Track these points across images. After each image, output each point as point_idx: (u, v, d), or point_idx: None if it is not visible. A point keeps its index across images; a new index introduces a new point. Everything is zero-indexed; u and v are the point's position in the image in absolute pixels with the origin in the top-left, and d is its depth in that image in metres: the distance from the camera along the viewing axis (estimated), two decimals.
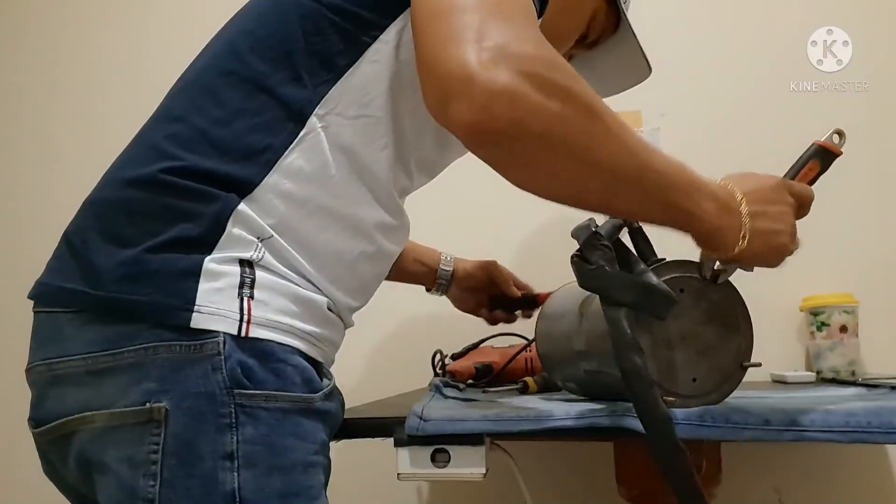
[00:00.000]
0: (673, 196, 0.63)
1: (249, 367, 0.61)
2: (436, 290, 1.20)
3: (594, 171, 0.59)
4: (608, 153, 0.58)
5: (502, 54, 0.54)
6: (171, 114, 0.68)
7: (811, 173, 0.76)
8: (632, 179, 0.60)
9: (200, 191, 0.63)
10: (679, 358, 0.71)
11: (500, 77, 0.53)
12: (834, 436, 0.65)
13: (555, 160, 0.57)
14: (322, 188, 0.67)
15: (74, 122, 1.69)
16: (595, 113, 0.57)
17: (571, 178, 0.59)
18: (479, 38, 0.54)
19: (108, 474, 0.61)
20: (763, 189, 0.69)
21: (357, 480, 1.33)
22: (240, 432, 0.60)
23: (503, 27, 0.55)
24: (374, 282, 0.78)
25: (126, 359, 0.60)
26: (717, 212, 0.65)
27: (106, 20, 1.72)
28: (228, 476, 0.59)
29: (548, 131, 0.55)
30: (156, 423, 0.59)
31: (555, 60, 0.57)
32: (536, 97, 0.54)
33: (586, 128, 0.57)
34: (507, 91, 0.53)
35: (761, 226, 0.67)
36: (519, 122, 0.54)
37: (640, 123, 1.45)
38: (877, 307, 1.31)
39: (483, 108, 0.53)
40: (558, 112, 0.55)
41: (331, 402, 0.69)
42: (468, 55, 0.54)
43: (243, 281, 0.62)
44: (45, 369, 0.64)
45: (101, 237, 0.63)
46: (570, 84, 0.56)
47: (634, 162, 0.59)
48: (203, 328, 0.60)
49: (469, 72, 0.53)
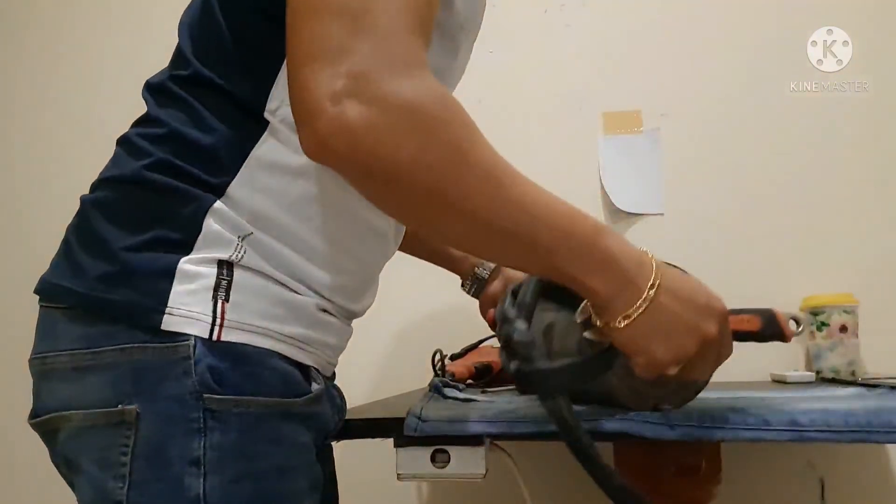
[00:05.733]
0: (559, 259, 0.57)
1: (221, 372, 0.59)
2: (470, 284, 1.09)
3: (465, 224, 0.55)
4: (480, 206, 0.54)
5: (358, 84, 0.49)
6: (147, 117, 0.68)
7: (745, 324, 0.67)
8: (511, 236, 0.56)
9: (177, 189, 0.62)
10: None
11: (348, 113, 0.49)
12: (834, 435, 0.65)
13: (409, 206, 0.55)
14: (298, 177, 0.64)
15: (83, 119, 1.69)
16: (462, 161, 0.53)
17: (437, 226, 0.57)
18: (336, 59, 0.50)
19: (82, 474, 0.61)
20: (686, 295, 0.61)
21: (357, 480, 1.33)
22: (208, 438, 0.58)
23: (370, 45, 0.51)
24: (371, 261, 0.74)
25: (104, 358, 0.60)
26: (607, 283, 0.58)
27: (106, 18, 1.72)
28: (195, 482, 0.58)
29: (395, 177, 0.51)
30: (127, 426, 0.58)
31: (426, 95, 0.52)
32: (385, 142, 0.50)
33: (448, 178, 0.52)
34: (349, 132, 0.49)
35: (655, 320, 0.59)
36: (361, 165, 0.51)
37: (640, 123, 1.45)
38: (877, 307, 1.30)
39: (323, 143, 0.51)
40: (410, 158, 0.51)
41: (318, 406, 0.68)
42: (318, 80, 0.50)
43: (219, 283, 0.61)
44: (39, 363, 0.64)
45: (88, 235, 0.64)
46: (436, 127, 0.52)
47: (511, 221, 0.55)
48: (174, 331, 0.59)
49: (315, 101, 0.50)
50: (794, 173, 1.40)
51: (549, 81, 1.49)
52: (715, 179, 1.41)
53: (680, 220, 1.41)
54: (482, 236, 0.57)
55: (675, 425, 0.68)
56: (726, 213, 1.41)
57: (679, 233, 1.42)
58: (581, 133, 1.46)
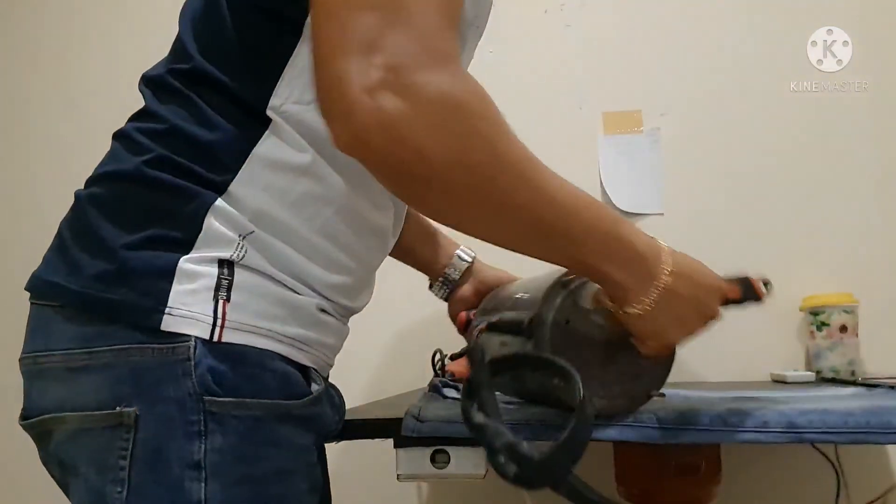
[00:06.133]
0: (587, 251, 0.60)
1: (221, 374, 0.58)
2: (440, 286, 1.06)
3: (493, 221, 0.56)
4: (516, 204, 0.55)
5: (395, 77, 0.48)
6: (145, 111, 0.66)
7: (732, 294, 0.72)
8: (544, 231, 0.57)
9: (178, 187, 0.60)
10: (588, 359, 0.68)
11: (385, 106, 0.48)
12: (832, 436, 0.65)
13: (444, 203, 0.55)
14: (301, 175, 0.63)
15: (75, 112, 1.68)
16: (502, 160, 0.53)
17: (470, 221, 0.57)
18: (370, 50, 0.48)
19: (79, 477, 0.60)
20: (697, 279, 0.66)
21: (357, 481, 1.33)
22: (208, 441, 0.57)
23: (406, 37, 0.49)
24: (371, 259, 0.73)
25: (101, 359, 0.58)
26: (626, 272, 0.61)
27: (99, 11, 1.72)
28: (195, 486, 0.57)
29: (432, 175, 0.51)
30: (126, 428, 0.57)
31: (463, 89, 0.51)
32: (423, 137, 0.49)
33: (487, 175, 0.52)
34: (388, 126, 0.48)
35: (669, 306, 0.63)
36: (398, 161, 0.50)
37: (640, 123, 1.45)
38: (877, 307, 1.31)
39: (358, 138, 0.49)
40: (453, 158, 0.50)
41: (318, 407, 0.67)
42: (352, 73, 0.48)
43: (220, 283, 0.60)
44: (31, 362, 0.63)
45: (85, 232, 0.62)
46: (473, 124, 0.51)
47: (543, 215, 0.56)
48: (174, 331, 0.58)
49: (349, 94, 0.48)
50: (794, 173, 1.40)
51: (549, 81, 1.49)
52: (715, 179, 1.41)
53: (680, 220, 1.41)
54: (519, 233, 0.58)
55: (674, 429, 0.68)
56: (726, 213, 1.40)
57: (679, 233, 1.41)
58: (581, 133, 1.46)
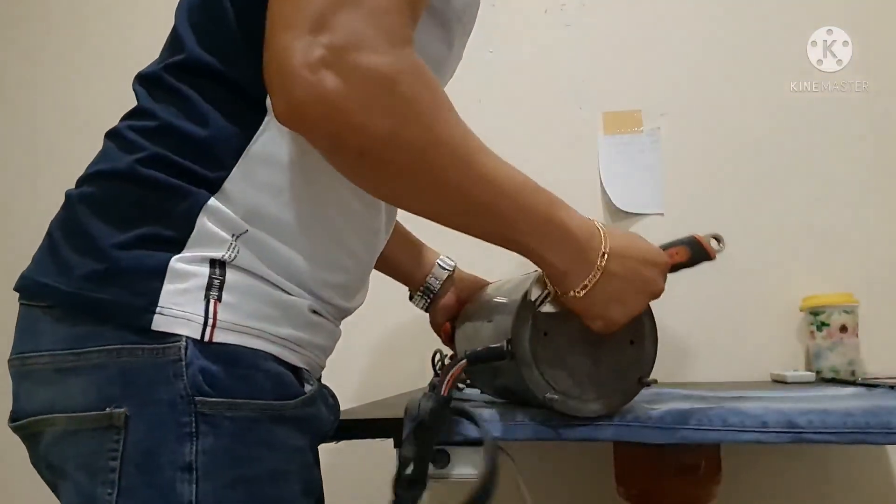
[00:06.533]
0: (521, 232, 0.61)
1: (213, 374, 0.58)
2: (421, 296, 1.04)
3: (428, 197, 0.58)
4: (449, 183, 0.56)
5: (337, 56, 0.50)
6: (138, 109, 0.65)
7: (677, 257, 0.73)
8: (476, 211, 0.59)
9: (170, 186, 0.60)
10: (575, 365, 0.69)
11: (325, 84, 0.50)
12: (832, 437, 0.65)
13: (378, 178, 0.56)
14: (297, 172, 0.63)
15: (68, 114, 1.68)
16: (436, 139, 0.54)
17: (403, 196, 0.59)
18: (317, 28, 0.50)
19: (68, 480, 0.59)
20: (635, 255, 0.66)
21: (357, 480, 1.33)
22: (199, 442, 0.57)
23: (355, 17, 0.51)
24: (366, 258, 0.73)
25: (90, 359, 0.58)
26: (563, 255, 0.63)
27: (95, 10, 1.72)
28: (187, 488, 0.56)
29: (369, 151, 0.53)
30: (115, 430, 0.56)
31: (402, 69, 0.52)
32: (361, 115, 0.51)
33: (419, 152, 0.54)
34: (325, 102, 0.50)
35: (609, 287, 0.64)
36: (335, 137, 0.52)
37: (640, 123, 1.45)
38: (877, 307, 1.31)
39: (295, 111, 0.51)
40: (385, 135, 0.52)
41: (312, 408, 0.66)
42: (296, 49, 0.50)
43: (211, 283, 0.59)
44: (19, 363, 0.62)
45: (75, 232, 0.61)
46: (409, 103, 0.53)
47: (478, 195, 0.58)
48: (165, 331, 0.57)
49: (291, 68, 0.50)
50: (793, 173, 1.40)
51: (549, 82, 1.49)
52: (715, 179, 1.41)
53: (680, 220, 1.41)
54: (450, 210, 0.60)
55: (673, 429, 0.68)
56: (726, 213, 1.40)
57: (679, 233, 1.41)
58: (581, 133, 1.46)
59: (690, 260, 0.73)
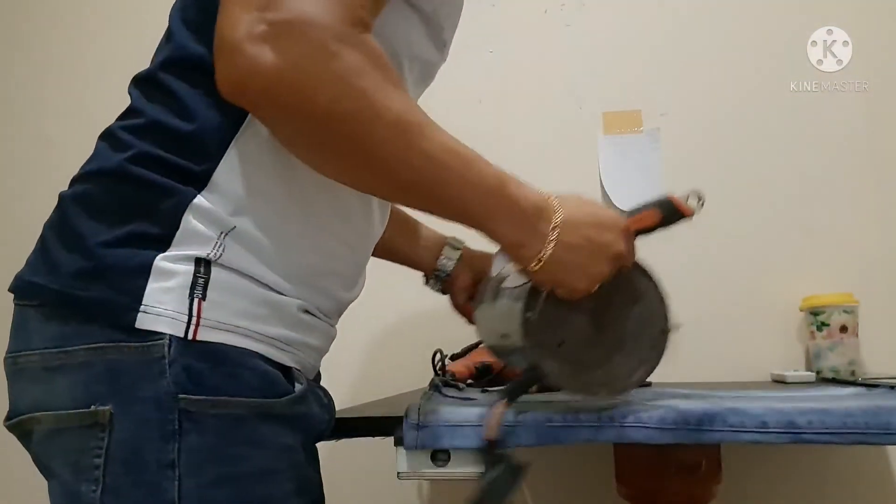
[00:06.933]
0: (468, 207, 0.61)
1: (198, 372, 0.58)
2: (435, 280, 1.04)
3: (369, 173, 0.58)
4: (390, 155, 0.56)
5: (280, 31, 0.51)
6: (129, 109, 0.66)
7: (646, 220, 0.71)
8: (421, 185, 0.59)
9: (157, 184, 0.60)
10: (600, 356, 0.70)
11: (264, 58, 0.51)
12: (832, 437, 0.65)
13: (319, 152, 0.57)
14: (285, 161, 0.63)
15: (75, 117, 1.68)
16: (373, 113, 0.54)
17: (346, 173, 0.59)
18: (265, 5, 0.51)
19: (55, 478, 0.60)
20: (589, 222, 0.66)
21: (357, 480, 1.33)
22: (183, 440, 0.57)
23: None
24: (359, 244, 0.73)
25: (77, 357, 0.58)
26: (514, 229, 0.63)
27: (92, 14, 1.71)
28: (170, 485, 0.56)
29: (306, 123, 0.54)
30: (100, 428, 0.57)
31: (347, 44, 0.53)
32: (297, 90, 0.52)
33: (357, 127, 0.54)
34: (264, 75, 0.51)
35: (565, 257, 0.64)
36: (274, 108, 0.53)
37: (640, 123, 1.45)
38: (877, 307, 1.31)
39: (238, 82, 0.53)
40: (322, 107, 0.53)
41: (303, 406, 0.66)
42: (241, 22, 0.51)
43: (196, 281, 0.59)
44: (11, 362, 0.63)
45: (65, 231, 0.62)
46: (346, 77, 0.53)
47: (421, 170, 0.58)
48: (149, 329, 0.57)
49: (234, 41, 0.51)
50: (793, 173, 1.40)
51: (549, 81, 1.49)
52: (715, 179, 1.41)
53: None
54: (394, 184, 0.60)
55: (674, 429, 0.68)
56: (726, 212, 1.40)
57: (678, 232, 1.41)
58: (581, 133, 1.46)
59: (664, 220, 0.72)
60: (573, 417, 0.70)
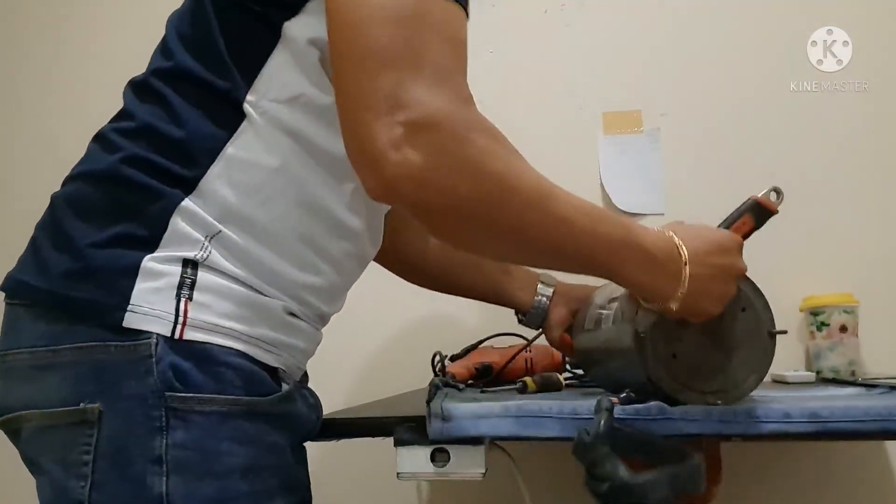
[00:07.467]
0: (601, 263, 0.65)
1: (184, 371, 0.59)
2: (532, 316, 1.05)
3: (512, 243, 0.62)
4: (529, 227, 0.60)
5: (416, 130, 0.54)
6: (122, 111, 0.68)
7: (744, 227, 0.76)
8: (553, 250, 0.63)
9: (146, 186, 0.62)
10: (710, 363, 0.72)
11: (410, 160, 0.54)
12: (857, 425, 0.65)
13: (468, 233, 0.60)
14: (274, 174, 0.64)
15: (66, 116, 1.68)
16: (510, 188, 0.58)
17: (490, 246, 0.63)
18: (394, 108, 0.54)
19: (44, 475, 0.61)
20: (710, 250, 0.70)
21: (357, 480, 1.33)
22: (170, 436, 0.58)
23: (422, 89, 0.54)
24: (345, 263, 0.73)
25: (65, 356, 0.60)
26: (647, 274, 0.66)
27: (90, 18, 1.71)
28: (157, 481, 0.58)
29: (456, 210, 0.57)
30: (89, 425, 0.58)
31: (474, 129, 0.57)
32: (444, 180, 0.55)
33: (499, 204, 0.58)
34: (413, 176, 0.54)
35: (699, 289, 0.67)
36: (427, 203, 0.56)
37: (640, 123, 1.45)
38: (877, 307, 1.30)
39: (390, 188, 0.55)
40: (467, 193, 0.56)
41: (290, 405, 0.67)
42: (378, 130, 0.54)
43: (183, 282, 0.61)
44: (1, 360, 0.64)
45: (55, 231, 0.63)
46: (483, 160, 0.57)
47: (556, 233, 0.61)
48: (136, 328, 0.59)
49: (377, 151, 0.54)
50: (793, 173, 1.40)
51: (549, 81, 1.49)
52: (715, 179, 1.41)
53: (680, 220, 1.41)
54: (534, 253, 0.65)
55: (699, 420, 0.68)
56: (726, 213, 1.40)
57: None
58: (581, 133, 1.46)
59: (757, 223, 0.76)
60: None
